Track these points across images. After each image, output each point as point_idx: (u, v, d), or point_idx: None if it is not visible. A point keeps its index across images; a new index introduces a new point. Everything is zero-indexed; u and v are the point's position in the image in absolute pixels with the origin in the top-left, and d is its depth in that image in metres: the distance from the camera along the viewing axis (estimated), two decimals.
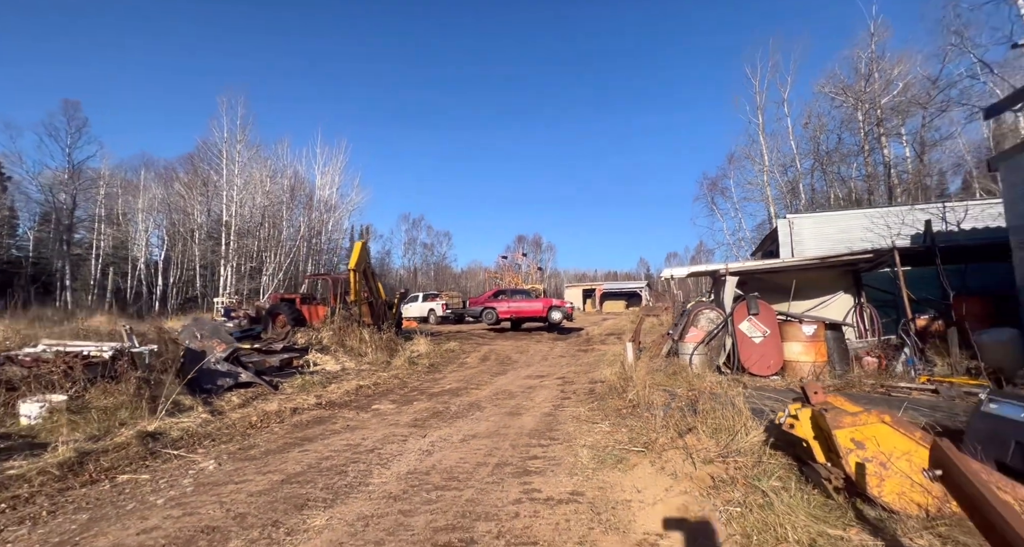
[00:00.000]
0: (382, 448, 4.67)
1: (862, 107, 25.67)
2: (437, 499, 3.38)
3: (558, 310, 17.33)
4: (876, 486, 2.78)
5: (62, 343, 5.67)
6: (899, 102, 24.13)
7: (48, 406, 4.50)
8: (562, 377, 8.81)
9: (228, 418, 5.69)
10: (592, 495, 3.39)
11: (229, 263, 33.00)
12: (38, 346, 5.62)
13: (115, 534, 2.94)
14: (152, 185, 41.27)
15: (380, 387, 8.02)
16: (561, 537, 2.77)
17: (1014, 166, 5.75)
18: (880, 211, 9.21)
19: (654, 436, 4.51)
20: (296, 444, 4.86)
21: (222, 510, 3.27)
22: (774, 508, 2.90)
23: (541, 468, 4.01)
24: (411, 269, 67.47)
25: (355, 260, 12.93)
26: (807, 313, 8.11)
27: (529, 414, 6.04)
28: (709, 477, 3.54)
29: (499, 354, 12.50)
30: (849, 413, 3.04)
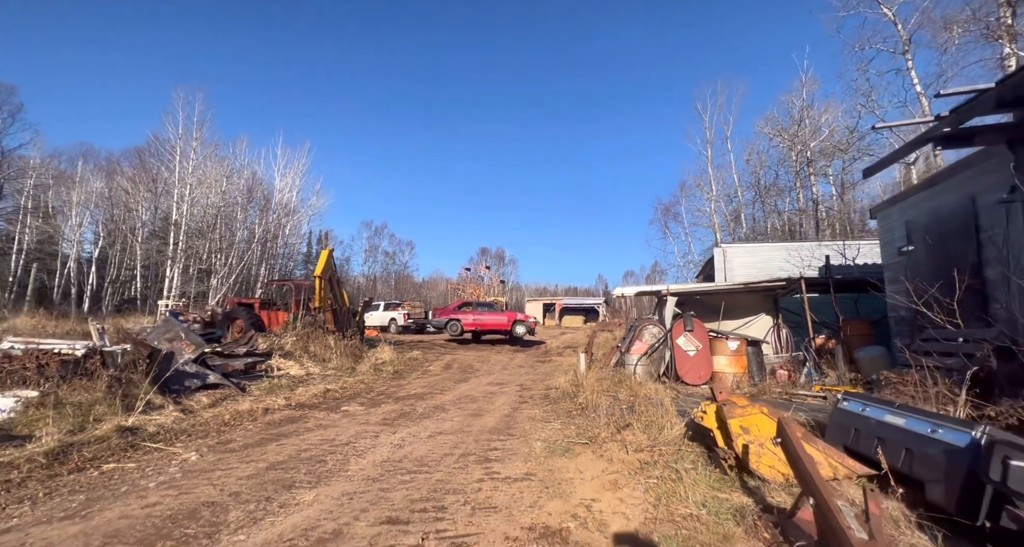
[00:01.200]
0: (356, 442, 5.13)
1: (795, 148, 28.74)
2: (411, 480, 3.94)
3: (522, 324, 17.88)
4: (755, 462, 3.65)
5: (31, 341, 5.64)
6: (825, 146, 27.30)
7: (22, 401, 4.62)
8: (521, 384, 9.49)
9: (200, 416, 5.91)
10: (543, 475, 4.07)
11: (176, 264, 31.34)
12: (3, 343, 5.58)
13: (119, 509, 3.29)
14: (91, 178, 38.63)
15: (347, 391, 8.35)
16: (516, 503, 3.42)
17: (885, 216, 7.19)
18: (795, 245, 10.80)
19: (597, 432, 5.28)
20: (273, 439, 5.21)
21: (216, 490, 3.67)
22: (683, 481, 3.70)
23: (500, 457, 4.65)
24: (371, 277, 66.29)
25: (321, 267, 13.11)
26: (735, 331, 9.30)
27: (490, 415, 6.66)
28: (638, 461, 4.32)
29: (461, 363, 13.01)
30: (739, 406, 3.93)
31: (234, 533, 2.94)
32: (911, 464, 3.14)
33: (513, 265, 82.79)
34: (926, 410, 3.49)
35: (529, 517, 3.18)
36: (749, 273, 10.60)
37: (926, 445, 3.05)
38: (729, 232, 31.06)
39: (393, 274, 71.06)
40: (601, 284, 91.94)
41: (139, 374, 5.98)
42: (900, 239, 6.63)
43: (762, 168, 30.93)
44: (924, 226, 6.14)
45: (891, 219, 7.00)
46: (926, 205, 6.10)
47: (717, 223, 31.42)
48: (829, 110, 28.11)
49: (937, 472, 2.89)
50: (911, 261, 6.26)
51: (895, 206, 7.01)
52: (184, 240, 31.61)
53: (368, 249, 67.37)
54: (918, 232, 6.25)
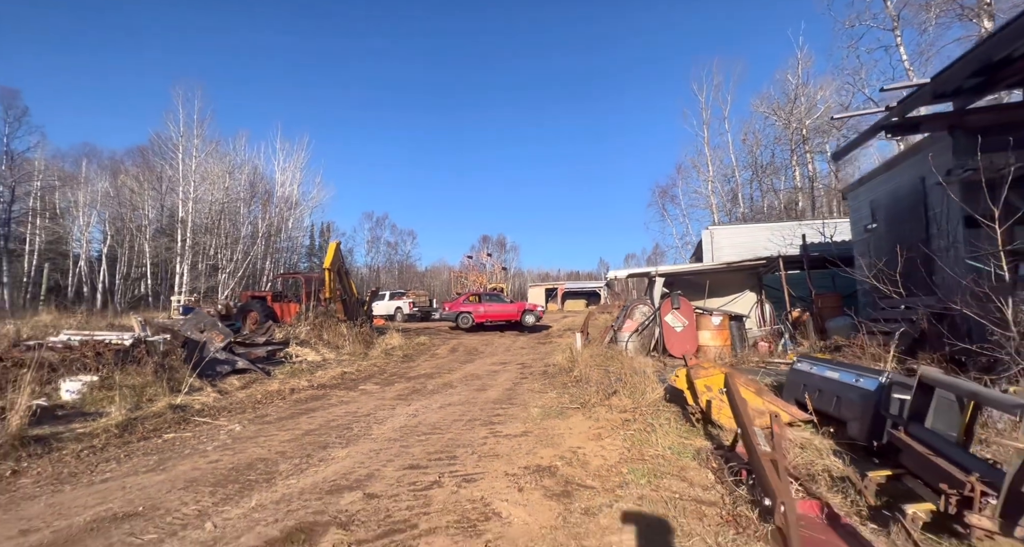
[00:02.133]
0: (376, 413, 5.85)
1: (790, 126, 28.87)
2: (426, 439, 4.65)
3: (531, 313, 18.48)
4: (716, 413, 4.32)
5: (85, 332, 6.34)
6: (820, 123, 27.43)
7: (86, 384, 5.33)
8: (522, 363, 10.20)
9: (235, 397, 6.64)
10: (538, 432, 4.77)
11: (185, 261, 32.09)
12: (61, 335, 6.27)
13: (189, 464, 4.01)
14: (95, 178, 39.19)
15: (362, 373, 9.09)
16: (514, 452, 4.13)
17: (855, 196, 7.73)
18: (778, 225, 11.32)
19: (588, 398, 5.99)
20: (302, 413, 5.94)
21: (263, 450, 4.39)
22: (656, 432, 4.39)
23: (502, 420, 5.36)
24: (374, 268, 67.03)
25: (330, 259, 13.76)
26: (721, 308, 9.93)
27: (493, 389, 7.37)
28: (620, 419, 5.02)
29: (467, 346, 13.75)
30: (704, 369, 4.60)
31: (286, 478, 3.65)
32: (840, 408, 3.80)
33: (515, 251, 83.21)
34: (855, 365, 4.13)
35: (525, 460, 3.89)
36: (736, 253, 11.17)
37: (850, 392, 3.70)
38: (726, 212, 31.44)
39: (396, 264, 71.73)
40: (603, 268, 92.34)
41: (178, 361, 6.70)
42: (866, 217, 7.18)
43: (758, 147, 31.10)
44: (885, 205, 6.69)
45: (859, 199, 7.54)
46: (886, 186, 6.64)
47: (714, 204, 31.77)
48: (824, 87, 28.15)
49: (855, 411, 3.55)
50: (874, 237, 6.82)
51: (862, 187, 7.53)
52: (191, 237, 32.32)
53: (370, 240, 67.93)
54: (880, 211, 6.80)
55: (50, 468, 3.87)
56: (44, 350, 5.53)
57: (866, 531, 2.47)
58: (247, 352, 9.29)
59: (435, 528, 2.75)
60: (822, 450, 3.55)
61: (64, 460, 4.05)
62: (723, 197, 32.14)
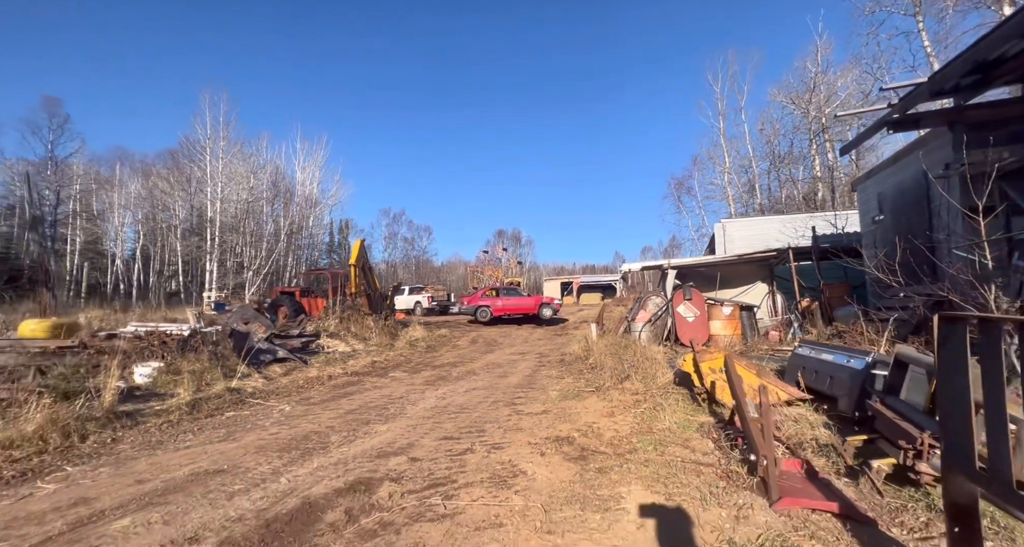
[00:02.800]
0: (407, 397, 6.43)
1: (809, 115, 28.40)
2: (456, 417, 5.18)
3: (548, 307, 18.87)
4: (720, 393, 4.73)
5: (148, 324, 7.08)
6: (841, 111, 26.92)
7: (155, 369, 6.03)
8: (540, 353, 10.70)
9: (279, 382, 7.32)
10: (556, 411, 5.26)
11: (214, 258, 33.49)
12: (129, 326, 7.02)
13: (254, 435, 4.62)
14: (128, 180, 41.01)
15: (390, 362, 9.72)
16: (536, 426, 4.63)
17: (863, 189, 7.90)
18: (788, 217, 11.47)
19: (602, 383, 6.44)
20: (342, 396, 6.55)
21: (314, 425, 4.99)
22: (664, 410, 4.83)
23: (523, 402, 5.86)
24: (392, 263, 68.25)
25: (355, 256, 14.47)
26: (733, 299, 10.22)
27: (514, 376, 7.88)
28: (632, 400, 5.47)
29: (486, 338, 14.31)
30: (709, 353, 5.00)
31: (339, 447, 4.22)
32: (832, 387, 4.18)
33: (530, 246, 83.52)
34: (847, 348, 4.48)
35: (545, 433, 4.38)
36: (748, 245, 11.37)
37: (840, 372, 4.08)
38: (743, 204, 31.18)
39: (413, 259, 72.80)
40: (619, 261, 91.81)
41: (228, 350, 7.40)
42: (873, 209, 7.38)
43: (776, 137, 30.66)
44: (891, 197, 6.90)
45: (867, 191, 7.72)
46: (892, 179, 6.84)
47: (731, 195, 31.53)
48: (844, 74, 27.57)
49: (844, 388, 3.93)
50: (881, 229, 7.03)
51: (870, 179, 7.71)
52: (219, 235, 33.69)
53: (388, 236, 69.12)
54: (887, 203, 7.01)
55: (140, 437, 4.53)
56: (118, 340, 6.26)
57: (840, 483, 2.88)
58: (284, 343, 10.01)
59: (471, 482, 3.27)
60: (814, 423, 3.94)
61: (150, 431, 4.72)
62: (740, 188, 31.86)
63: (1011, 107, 5.32)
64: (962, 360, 1.54)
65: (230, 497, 3.13)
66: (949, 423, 1.66)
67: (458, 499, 3.01)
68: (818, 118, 28.00)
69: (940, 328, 1.63)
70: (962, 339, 1.55)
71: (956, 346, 1.58)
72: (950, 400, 1.62)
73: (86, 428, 4.41)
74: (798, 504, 2.51)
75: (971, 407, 1.53)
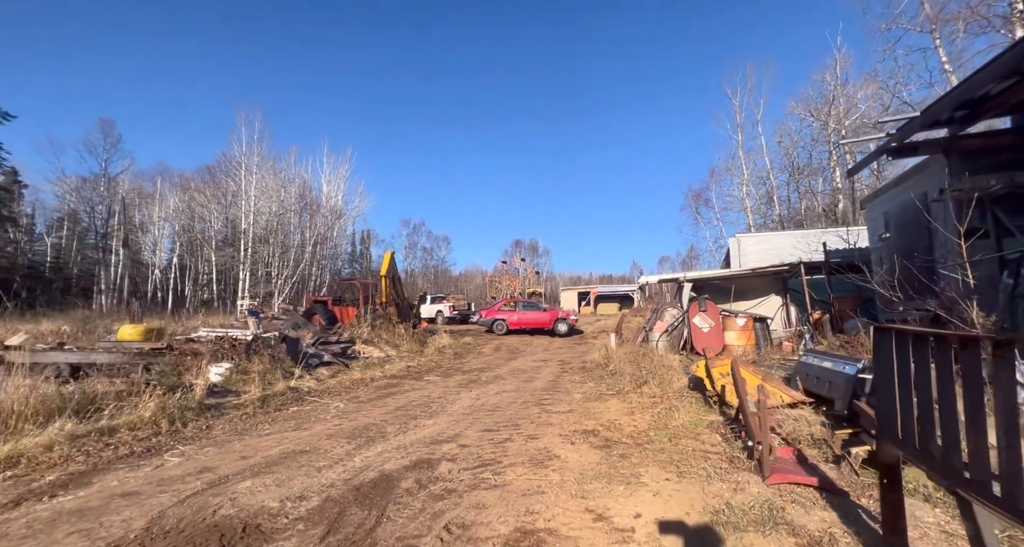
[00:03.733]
0: (445, 397, 7.13)
1: (828, 126, 28.49)
2: (492, 414, 5.85)
3: (563, 322, 18.87)
4: (729, 396, 5.28)
5: (217, 330, 8.02)
6: (860, 124, 26.97)
7: (227, 369, 6.90)
8: (561, 360, 11.30)
9: (328, 383, 8.11)
10: (581, 410, 5.88)
11: (246, 268, 35.18)
12: (201, 331, 7.96)
13: (321, 426, 5.38)
14: (168, 194, 43.48)
15: (423, 367, 10.47)
16: (564, 422, 5.26)
17: (871, 207, 8.32)
18: (802, 232, 11.85)
19: (622, 387, 7.03)
20: (386, 395, 7.30)
21: (369, 419, 5.72)
22: (679, 410, 5.40)
23: (550, 403, 6.50)
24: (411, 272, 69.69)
25: (386, 268, 15.40)
26: (748, 310, 10.64)
27: (539, 380, 8.52)
28: (650, 402, 6.05)
29: (509, 346, 14.97)
30: (720, 360, 5.57)
31: (396, 436, 4.93)
32: (830, 390, 4.71)
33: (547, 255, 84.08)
34: (844, 356, 4.99)
35: (573, 427, 5.02)
36: (762, 258, 11.79)
37: (837, 377, 4.60)
38: (761, 215, 31.24)
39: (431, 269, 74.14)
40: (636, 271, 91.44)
41: (283, 354, 8.25)
42: (880, 227, 7.80)
43: (795, 149, 30.76)
44: (896, 217, 7.34)
45: (875, 210, 8.15)
46: (896, 199, 7.30)
47: (749, 207, 31.63)
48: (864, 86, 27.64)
49: (839, 391, 4.46)
50: (887, 246, 7.45)
51: (877, 199, 8.15)
52: (252, 246, 35.43)
53: (408, 246, 70.71)
54: (892, 221, 7.44)
55: (227, 425, 5.34)
56: (194, 343, 7.16)
57: (826, 467, 3.44)
58: (325, 348, 10.88)
59: (514, 463, 3.94)
60: (812, 422, 4.48)
61: (233, 421, 5.53)
62: (758, 200, 31.95)
63: (999, 138, 5.79)
64: (887, 359, 2.16)
65: (319, 470, 3.87)
66: (881, 406, 2.26)
67: (505, 475, 3.68)
68: (837, 130, 28.07)
69: (874, 336, 2.25)
70: (889, 344, 2.17)
71: (885, 349, 2.19)
72: (881, 388, 2.24)
73: (185, 416, 5.25)
74: (785, 479, 3.09)
75: (895, 394, 2.14)
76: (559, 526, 2.78)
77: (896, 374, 2.12)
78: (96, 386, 4.89)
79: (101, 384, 4.96)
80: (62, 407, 4.53)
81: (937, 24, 16.93)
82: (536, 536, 2.67)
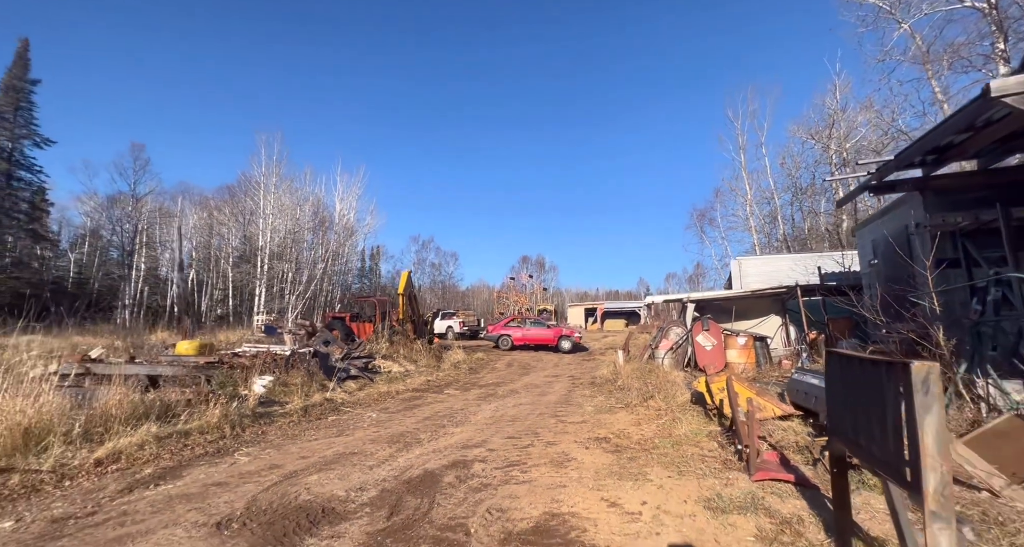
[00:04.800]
0: (467, 409, 7.76)
1: (829, 149, 29.28)
2: (512, 424, 6.49)
3: (567, 339, 19.43)
4: (727, 408, 5.88)
5: (257, 345, 8.76)
6: (861, 146, 27.73)
7: (270, 381, 7.61)
8: (571, 376, 11.88)
9: (357, 395, 8.79)
10: (592, 421, 6.49)
11: (262, 284, 36.23)
12: (243, 346, 8.71)
13: (360, 433, 6.04)
14: (188, 212, 45.08)
15: (442, 381, 11.11)
16: (579, 431, 5.88)
17: (861, 235, 8.96)
18: (801, 256, 12.47)
19: (630, 401, 7.63)
20: (413, 407, 7.95)
21: (403, 427, 6.38)
22: (681, 422, 6.00)
23: (565, 414, 7.11)
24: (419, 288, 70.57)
25: (403, 286, 16.19)
26: (749, 330, 11.21)
27: (552, 395, 9.12)
28: (655, 414, 6.65)
29: (520, 362, 15.57)
30: (718, 376, 6.19)
31: (430, 442, 5.58)
32: (815, 404, 5.31)
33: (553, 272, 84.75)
34: None
35: (587, 435, 5.64)
36: (762, 280, 12.39)
37: (821, 392, 5.21)
38: (766, 235, 31.82)
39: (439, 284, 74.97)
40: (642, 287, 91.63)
41: (316, 368, 8.96)
42: (869, 254, 8.42)
43: (798, 170, 31.53)
44: (882, 244, 7.98)
45: (864, 237, 8.79)
46: (883, 229, 7.95)
47: (753, 226, 32.25)
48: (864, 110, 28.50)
49: (822, 405, 5.06)
50: (875, 271, 8.05)
51: (867, 227, 8.80)
52: (268, 263, 36.58)
53: (416, 262, 71.78)
54: (879, 249, 8.07)
55: (279, 431, 6.03)
56: (240, 357, 7.91)
57: (805, 468, 4.04)
58: (350, 363, 11.58)
59: (537, 464, 4.57)
60: (799, 432, 5.08)
61: (283, 428, 6.21)
62: (762, 220, 32.59)
63: (968, 178, 6.47)
64: (834, 376, 2.82)
65: (371, 468, 4.53)
66: (831, 411, 2.92)
67: (530, 473, 4.32)
68: (839, 152, 28.83)
69: (825, 358, 2.92)
70: (835, 365, 2.84)
71: (832, 368, 2.86)
72: (830, 398, 2.89)
73: (243, 422, 5.95)
74: (768, 476, 3.71)
75: (840, 402, 2.79)
76: (580, 511, 3.42)
77: (842, 387, 2.78)
78: (170, 395, 5.61)
79: (174, 393, 5.68)
80: (146, 413, 5.25)
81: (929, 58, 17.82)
82: (562, 518, 3.31)
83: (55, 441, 4.43)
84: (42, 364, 5.89)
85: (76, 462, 4.34)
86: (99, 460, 4.44)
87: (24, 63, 31.02)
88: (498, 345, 19.79)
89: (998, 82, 3.80)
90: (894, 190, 6.98)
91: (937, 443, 1.87)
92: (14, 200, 31.06)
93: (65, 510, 3.50)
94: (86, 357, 6.67)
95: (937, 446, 1.86)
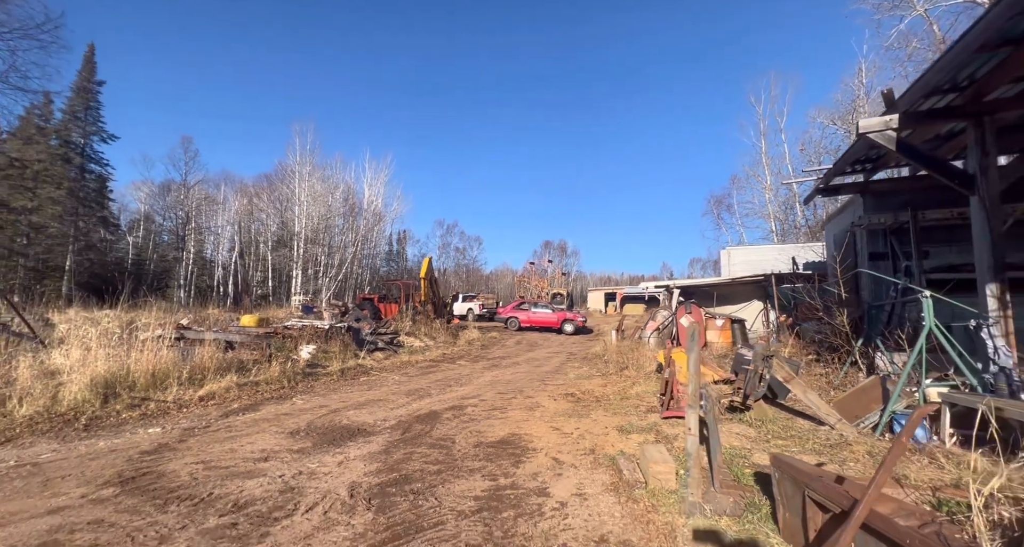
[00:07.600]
0: (472, 375, 9.37)
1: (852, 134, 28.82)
2: (506, 385, 8.04)
3: (570, 322, 20.91)
4: (679, 374, 7.23)
5: (302, 319, 10.63)
6: None
7: (313, 349, 9.43)
8: (570, 352, 13.35)
9: (384, 363, 10.55)
10: (570, 384, 7.97)
11: (298, 267, 39.01)
12: (292, 320, 10.60)
13: (385, 389, 7.73)
14: (229, 199, 48.33)
15: (456, 354, 12.80)
16: (555, 390, 7.39)
17: (828, 229, 9.84)
18: (785, 246, 13.25)
19: (608, 371, 9.06)
20: (428, 372, 9.63)
21: (418, 385, 8.03)
22: (639, 384, 7.41)
23: (551, 380, 8.62)
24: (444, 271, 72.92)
25: (424, 271, 17.89)
26: (732, 314, 12.29)
27: (547, 366, 10.64)
28: (624, 380, 8.06)
29: (528, 340, 17.14)
30: (675, 349, 7.53)
31: (438, 395, 7.20)
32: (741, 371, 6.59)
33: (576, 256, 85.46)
34: None
35: (559, 391, 7.14)
36: (747, 269, 13.30)
37: (747, 362, 6.49)
38: (782, 222, 31.81)
39: (463, 268, 77.08)
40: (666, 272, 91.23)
41: (349, 340, 10.76)
42: (831, 246, 9.35)
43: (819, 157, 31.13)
44: (839, 239, 8.95)
45: (829, 232, 9.69)
46: (839, 225, 8.89)
47: (772, 212, 32.27)
48: None
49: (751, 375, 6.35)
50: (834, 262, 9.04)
51: (829, 223, 9.68)
52: (303, 247, 39.26)
53: (441, 246, 73.99)
54: (837, 243, 9.03)
55: (322, 387, 7.79)
56: (289, 329, 9.77)
57: None
58: (378, 337, 13.41)
59: (514, 408, 6.11)
60: (723, 391, 6.40)
61: (326, 384, 7.97)
62: (778, 206, 32.51)
63: (896, 183, 7.40)
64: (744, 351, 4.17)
65: (392, 409, 6.17)
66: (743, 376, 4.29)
67: (507, 413, 5.86)
68: None
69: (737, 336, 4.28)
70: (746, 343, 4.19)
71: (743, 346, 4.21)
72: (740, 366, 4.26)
73: (295, 379, 7.74)
74: (671, 415, 5.10)
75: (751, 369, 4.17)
76: (532, 432, 4.93)
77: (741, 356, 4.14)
78: (243, 355, 7.42)
79: (245, 354, 7.49)
80: (227, 367, 7.07)
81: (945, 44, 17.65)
82: (518, 436, 4.83)
83: (172, 382, 6.27)
84: (148, 330, 7.81)
85: (187, 397, 6.16)
86: (201, 397, 6.26)
87: (91, 66, 33.94)
88: (507, 326, 21.43)
89: (864, 121, 4.89)
90: (839, 193, 7.96)
91: (694, 370, 3.25)
92: (87, 190, 34.47)
93: (190, 424, 5.28)
94: (180, 325, 8.59)
95: (695, 370, 3.25)
